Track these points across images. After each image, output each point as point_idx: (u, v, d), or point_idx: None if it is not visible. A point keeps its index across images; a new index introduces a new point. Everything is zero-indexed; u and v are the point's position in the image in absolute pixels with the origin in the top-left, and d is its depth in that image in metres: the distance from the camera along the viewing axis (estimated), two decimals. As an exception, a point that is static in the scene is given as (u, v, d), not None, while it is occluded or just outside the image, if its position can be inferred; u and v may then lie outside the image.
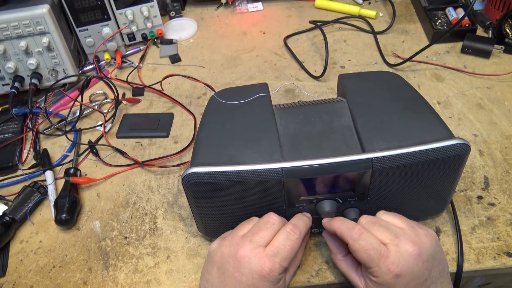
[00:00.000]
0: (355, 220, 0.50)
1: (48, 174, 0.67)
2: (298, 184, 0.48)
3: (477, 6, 0.89)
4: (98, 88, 0.83)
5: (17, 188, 0.67)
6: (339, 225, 0.48)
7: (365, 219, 0.49)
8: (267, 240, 0.47)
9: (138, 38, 0.90)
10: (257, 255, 0.45)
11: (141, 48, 0.91)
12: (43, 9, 0.73)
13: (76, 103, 0.77)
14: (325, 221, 0.51)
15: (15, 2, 0.75)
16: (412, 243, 0.44)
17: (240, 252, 0.46)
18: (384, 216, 0.49)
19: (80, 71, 0.85)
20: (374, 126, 0.51)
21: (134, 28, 0.86)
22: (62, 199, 0.62)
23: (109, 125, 0.75)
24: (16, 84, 0.77)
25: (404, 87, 0.58)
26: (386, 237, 0.45)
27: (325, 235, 0.53)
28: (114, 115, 0.76)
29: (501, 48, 0.79)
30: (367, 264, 0.44)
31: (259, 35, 0.92)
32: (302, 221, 0.50)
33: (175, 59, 0.88)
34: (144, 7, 0.85)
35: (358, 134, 0.51)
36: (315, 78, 0.80)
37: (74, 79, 0.82)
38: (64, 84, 0.83)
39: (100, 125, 0.75)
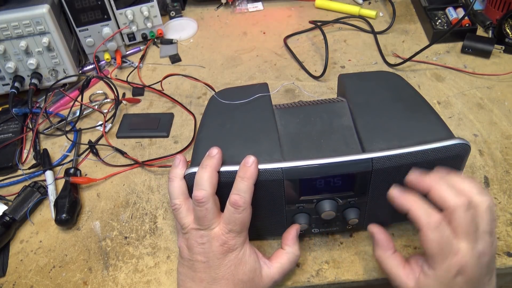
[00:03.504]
0: (356, 220, 0.50)
1: (48, 174, 0.67)
2: (298, 184, 0.48)
3: (477, 6, 0.89)
4: (98, 88, 0.83)
5: (17, 188, 0.67)
6: (416, 206, 0.43)
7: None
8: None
9: (138, 38, 0.90)
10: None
11: (141, 48, 0.91)
12: (43, 9, 0.73)
13: (76, 103, 0.77)
14: (396, 193, 0.45)
15: (15, 2, 0.75)
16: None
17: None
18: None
19: (80, 71, 0.85)
20: (374, 126, 0.51)
21: (134, 28, 0.86)
22: (62, 199, 0.62)
23: (109, 125, 0.75)
24: (16, 84, 0.77)
25: (404, 87, 0.58)
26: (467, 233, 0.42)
27: (373, 229, 0.49)
28: (114, 115, 0.76)
29: (501, 48, 0.79)
30: (434, 258, 0.42)
31: (259, 35, 0.92)
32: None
33: (175, 59, 0.88)
34: (144, 7, 0.85)
35: (358, 134, 0.51)
36: (315, 78, 0.80)
37: (74, 79, 0.82)
38: (64, 84, 0.83)
39: (100, 125, 0.75)
